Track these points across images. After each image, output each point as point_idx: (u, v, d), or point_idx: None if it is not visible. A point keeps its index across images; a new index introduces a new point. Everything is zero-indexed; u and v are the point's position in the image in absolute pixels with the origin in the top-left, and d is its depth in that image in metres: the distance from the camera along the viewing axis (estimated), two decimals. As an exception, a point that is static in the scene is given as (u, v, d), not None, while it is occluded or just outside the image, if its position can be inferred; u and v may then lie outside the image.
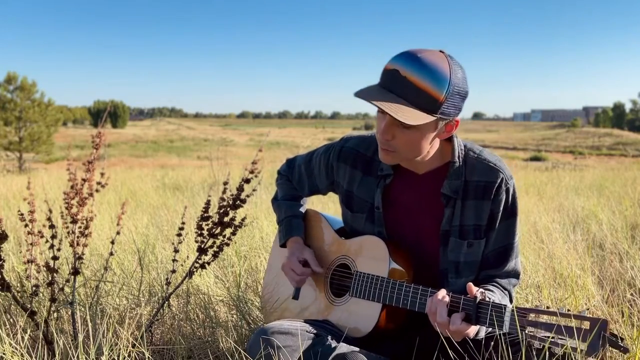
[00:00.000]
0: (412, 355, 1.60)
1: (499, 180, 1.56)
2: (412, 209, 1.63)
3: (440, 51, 1.44)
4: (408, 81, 1.38)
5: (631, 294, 2.35)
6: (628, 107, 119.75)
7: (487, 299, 1.35)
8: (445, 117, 1.44)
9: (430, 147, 1.52)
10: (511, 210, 1.59)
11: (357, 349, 1.51)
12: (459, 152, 1.58)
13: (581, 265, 2.63)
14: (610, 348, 1.20)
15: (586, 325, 1.21)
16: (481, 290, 1.37)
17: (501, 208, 1.57)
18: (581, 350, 1.20)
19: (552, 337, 1.24)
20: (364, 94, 1.43)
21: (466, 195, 1.57)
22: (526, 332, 1.27)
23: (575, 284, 2.41)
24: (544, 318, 1.28)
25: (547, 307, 1.29)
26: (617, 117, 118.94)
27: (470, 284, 1.37)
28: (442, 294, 1.39)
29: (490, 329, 1.47)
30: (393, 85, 1.40)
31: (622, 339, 1.19)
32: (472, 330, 1.36)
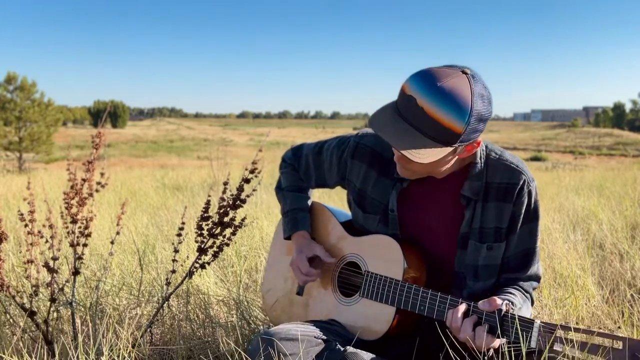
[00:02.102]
0: (412, 355, 1.59)
1: (521, 182, 1.51)
2: (430, 212, 1.58)
3: (463, 72, 1.33)
4: (425, 114, 1.30)
5: (631, 294, 2.35)
6: (628, 107, 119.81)
7: (511, 311, 1.30)
8: (464, 143, 1.37)
9: (450, 164, 1.47)
10: (533, 214, 1.55)
11: (360, 351, 1.49)
12: (480, 153, 1.53)
13: (581, 265, 2.63)
14: None
15: (618, 345, 1.16)
16: (506, 302, 1.33)
17: (523, 211, 1.52)
18: None
19: (581, 356, 1.18)
20: (379, 124, 1.36)
21: (487, 197, 1.52)
22: (555, 348, 1.22)
23: (575, 284, 2.41)
24: (571, 335, 1.22)
25: (577, 323, 1.25)
26: (617, 117, 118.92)
27: (495, 297, 1.32)
28: (463, 308, 1.35)
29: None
30: (409, 114, 1.33)
31: None
32: (498, 342, 1.32)
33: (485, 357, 1.45)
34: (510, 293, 1.50)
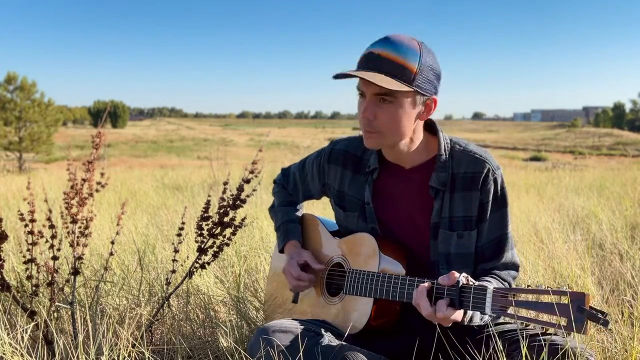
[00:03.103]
0: (412, 354, 1.61)
1: (485, 171, 1.58)
2: (402, 204, 1.65)
3: (411, 38, 1.52)
4: (382, 57, 1.46)
5: (631, 294, 2.35)
6: (628, 107, 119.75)
7: (470, 283, 1.35)
8: (421, 92, 1.48)
9: (414, 128, 1.55)
10: (501, 201, 1.61)
11: (357, 348, 1.52)
12: (444, 145, 1.60)
13: (581, 265, 2.63)
14: (590, 321, 1.20)
15: (566, 300, 1.22)
16: (464, 274, 1.37)
17: (490, 198, 1.59)
18: (562, 326, 1.21)
19: (533, 315, 1.24)
20: (342, 73, 1.48)
21: (454, 187, 1.59)
22: (507, 311, 1.27)
23: (575, 284, 2.41)
24: (524, 297, 1.28)
25: (528, 286, 1.29)
26: (617, 117, 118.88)
27: (454, 271, 1.38)
28: (426, 286, 1.40)
29: (487, 317, 1.45)
30: (369, 63, 1.47)
31: (604, 313, 1.19)
32: (459, 314, 1.36)
33: (486, 355, 1.46)
34: (486, 281, 1.53)
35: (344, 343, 1.52)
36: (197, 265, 2.02)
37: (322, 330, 1.56)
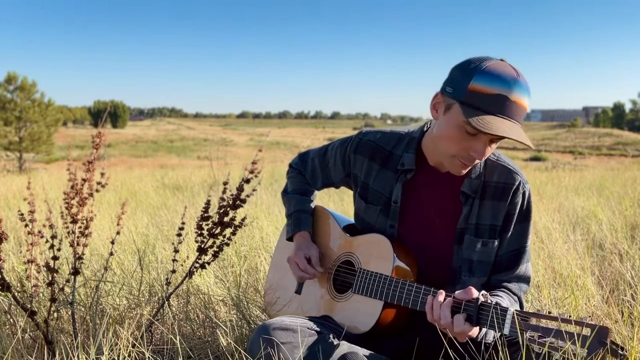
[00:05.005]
0: (412, 354, 1.61)
1: (516, 183, 1.59)
2: (428, 206, 1.64)
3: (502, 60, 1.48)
4: (521, 107, 1.43)
5: (631, 294, 2.35)
6: (628, 107, 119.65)
7: (489, 301, 1.34)
8: None
9: None
10: (526, 214, 1.62)
11: (357, 347, 1.51)
12: None
13: (581, 265, 2.63)
14: (610, 356, 1.19)
15: (587, 331, 1.21)
16: (484, 292, 1.37)
17: (517, 211, 1.60)
18: (580, 357, 1.19)
19: (552, 342, 1.23)
20: (498, 129, 1.39)
21: (484, 195, 1.59)
22: (526, 335, 1.26)
23: (575, 284, 2.41)
24: (545, 322, 1.27)
25: (549, 312, 1.28)
26: (617, 117, 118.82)
27: (471, 287, 1.37)
28: (442, 297, 1.39)
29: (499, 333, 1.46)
30: (509, 112, 1.41)
31: (622, 348, 1.19)
32: (475, 331, 1.36)
33: (485, 355, 1.46)
34: (497, 295, 1.53)
35: (344, 342, 1.52)
36: (197, 265, 2.02)
37: (323, 329, 1.56)
